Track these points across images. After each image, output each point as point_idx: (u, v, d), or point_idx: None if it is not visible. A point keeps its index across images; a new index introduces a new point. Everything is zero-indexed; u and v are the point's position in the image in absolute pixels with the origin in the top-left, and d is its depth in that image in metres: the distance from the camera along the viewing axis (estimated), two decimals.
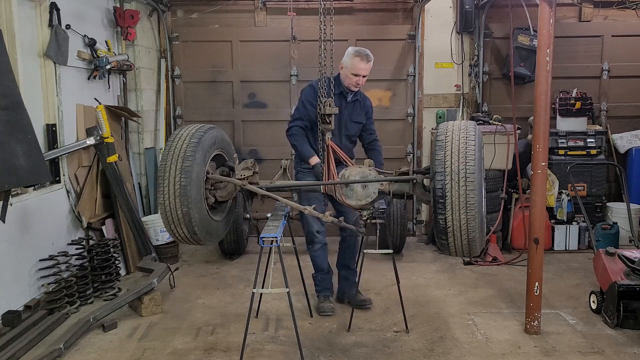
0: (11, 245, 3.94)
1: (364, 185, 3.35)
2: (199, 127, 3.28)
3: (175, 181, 3.01)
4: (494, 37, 6.46)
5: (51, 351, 3.41)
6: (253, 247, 6.01)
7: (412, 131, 6.60)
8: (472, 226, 2.73)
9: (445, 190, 2.71)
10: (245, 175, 3.44)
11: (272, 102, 6.57)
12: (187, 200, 3.01)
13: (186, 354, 3.61)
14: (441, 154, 2.77)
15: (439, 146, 2.81)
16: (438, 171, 2.75)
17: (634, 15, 6.36)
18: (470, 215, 2.70)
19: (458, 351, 3.60)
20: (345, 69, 4.01)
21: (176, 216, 3.06)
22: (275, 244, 3.22)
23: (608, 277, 3.99)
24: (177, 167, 3.03)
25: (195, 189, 3.06)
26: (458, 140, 2.78)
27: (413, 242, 6.38)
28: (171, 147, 3.12)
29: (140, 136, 6.09)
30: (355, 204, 3.39)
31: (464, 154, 2.73)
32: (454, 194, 2.70)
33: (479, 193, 2.74)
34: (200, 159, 3.10)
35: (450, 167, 2.71)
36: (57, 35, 4.49)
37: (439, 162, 2.75)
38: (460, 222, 2.73)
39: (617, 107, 6.59)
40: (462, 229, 2.75)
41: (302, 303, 4.33)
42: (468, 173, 2.69)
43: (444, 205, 2.72)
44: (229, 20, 6.48)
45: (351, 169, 3.50)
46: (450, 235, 2.79)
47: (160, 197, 3.07)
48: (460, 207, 2.70)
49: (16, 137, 3.53)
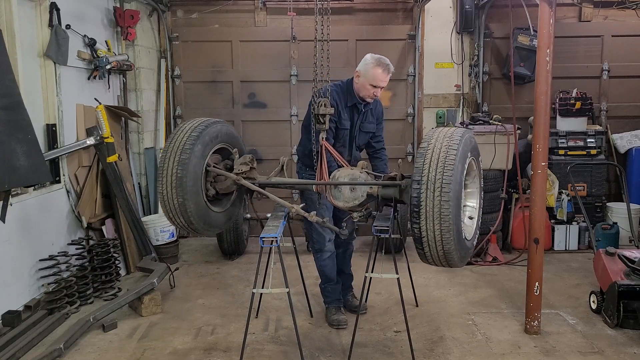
0: (11, 245, 3.94)
1: (352, 188, 3.35)
2: (203, 120, 3.33)
3: (172, 172, 3.11)
4: (494, 37, 6.46)
5: (51, 351, 3.41)
6: (253, 247, 6.01)
7: (412, 131, 6.61)
8: (446, 238, 2.66)
9: (420, 200, 2.65)
10: (242, 170, 3.43)
11: (272, 102, 6.57)
12: (182, 192, 3.10)
13: (186, 354, 3.61)
14: (420, 162, 2.71)
15: (420, 154, 2.75)
16: (415, 179, 2.69)
17: (634, 15, 6.36)
18: (444, 226, 2.63)
19: (458, 351, 3.60)
20: (363, 79, 3.68)
21: (172, 206, 3.16)
22: (275, 244, 3.22)
23: (608, 277, 3.99)
24: (175, 159, 3.11)
25: (192, 181, 3.13)
26: (440, 149, 2.71)
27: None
28: (173, 139, 3.21)
29: (140, 136, 6.10)
30: (342, 205, 3.39)
31: (443, 163, 2.65)
32: (429, 204, 2.63)
33: (455, 205, 2.63)
34: (199, 152, 3.17)
35: (428, 175, 2.65)
36: (57, 35, 4.49)
37: (417, 170, 2.70)
38: (435, 232, 2.66)
39: (617, 107, 6.60)
40: (437, 240, 2.69)
41: (302, 303, 4.33)
42: (444, 183, 2.61)
43: (418, 215, 2.67)
44: (229, 20, 6.48)
45: (342, 170, 3.49)
46: (426, 245, 2.73)
47: (159, 187, 3.17)
48: (435, 218, 2.63)
49: (16, 137, 3.53)
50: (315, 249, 4.03)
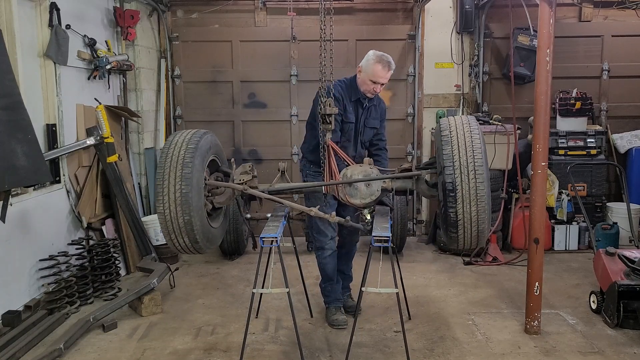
0: (11, 245, 3.93)
1: (367, 184, 3.35)
2: (194, 132, 3.19)
3: (175, 189, 2.93)
4: (494, 37, 6.46)
5: (51, 351, 3.41)
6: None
7: (412, 131, 6.60)
8: (482, 218, 2.81)
9: (455, 184, 2.79)
10: (244, 180, 3.42)
11: (272, 102, 6.56)
12: (189, 208, 2.94)
13: (186, 354, 3.61)
14: (448, 148, 2.84)
15: (445, 141, 2.87)
16: (447, 165, 2.81)
17: (634, 15, 6.36)
18: (481, 207, 2.79)
19: (458, 351, 3.60)
20: (364, 74, 3.75)
21: (177, 225, 2.98)
22: (275, 244, 3.21)
23: (608, 277, 3.99)
24: (177, 174, 2.94)
25: (197, 196, 2.99)
26: (463, 135, 2.86)
27: (413, 242, 6.38)
28: (168, 154, 3.03)
29: (140, 136, 6.09)
30: (359, 203, 3.38)
31: (471, 147, 2.82)
32: (464, 187, 2.78)
33: (487, 185, 2.81)
34: (199, 165, 3.04)
35: (459, 160, 2.80)
36: (57, 35, 4.49)
37: (446, 156, 2.83)
38: (471, 214, 2.81)
39: (617, 107, 6.59)
40: (473, 221, 2.83)
41: (302, 303, 4.33)
42: (477, 166, 2.78)
43: (454, 199, 2.79)
44: (229, 20, 6.48)
45: (353, 167, 3.49)
46: (461, 227, 2.85)
47: (159, 207, 2.97)
48: (471, 200, 2.78)
49: (16, 137, 3.53)
50: (317, 247, 4.01)
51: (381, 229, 3.25)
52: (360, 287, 3.35)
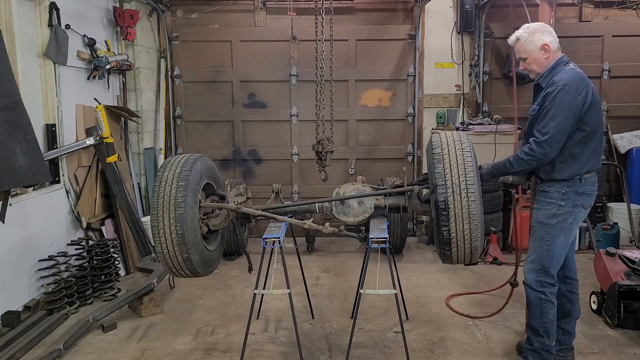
0: (11, 245, 3.93)
1: (360, 201, 3.33)
2: (184, 162, 3.14)
3: (171, 230, 2.97)
4: (494, 37, 6.46)
5: (51, 352, 3.40)
6: (253, 247, 5.99)
7: (412, 131, 6.60)
8: (474, 235, 2.81)
9: (447, 202, 2.78)
10: (238, 202, 3.45)
11: (272, 102, 6.56)
12: (185, 247, 3.01)
13: (186, 354, 3.60)
14: (440, 167, 2.83)
15: (437, 159, 2.86)
16: (439, 184, 2.80)
17: (634, 15, 6.36)
18: (473, 225, 2.79)
19: (458, 352, 3.59)
20: None
21: (177, 262, 3.08)
22: (278, 244, 3.20)
23: (609, 278, 3.99)
24: (171, 216, 2.97)
25: (192, 234, 3.04)
26: (455, 153, 2.86)
27: (413, 242, 6.37)
28: (159, 192, 3.03)
29: (140, 136, 6.09)
30: (352, 221, 3.36)
31: (463, 165, 2.81)
32: (457, 206, 2.77)
33: (480, 203, 2.81)
34: (191, 202, 3.05)
35: (451, 179, 2.79)
36: (56, 35, 4.49)
37: (438, 175, 2.82)
38: (464, 232, 2.81)
39: (618, 107, 6.59)
40: (466, 239, 2.83)
41: (302, 303, 4.32)
42: (469, 184, 2.77)
43: (447, 217, 2.78)
44: (228, 20, 6.47)
45: (345, 186, 3.48)
46: (454, 245, 2.85)
47: (157, 246, 3.04)
48: (464, 218, 2.77)
49: (16, 137, 3.52)
50: None
51: (378, 230, 3.24)
52: (358, 289, 3.33)
